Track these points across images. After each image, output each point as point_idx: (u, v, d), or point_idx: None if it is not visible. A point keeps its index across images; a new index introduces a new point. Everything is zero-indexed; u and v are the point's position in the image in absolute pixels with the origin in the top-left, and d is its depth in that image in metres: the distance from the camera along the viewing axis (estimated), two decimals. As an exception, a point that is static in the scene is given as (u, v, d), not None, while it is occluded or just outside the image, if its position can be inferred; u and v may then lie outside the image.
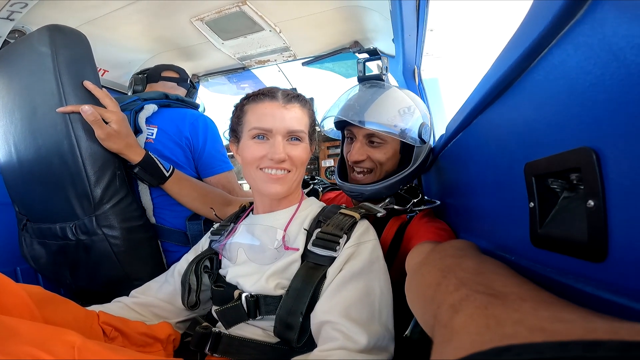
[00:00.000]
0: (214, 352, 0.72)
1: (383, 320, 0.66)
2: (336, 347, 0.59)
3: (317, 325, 0.65)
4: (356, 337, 0.60)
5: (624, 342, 0.19)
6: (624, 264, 0.30)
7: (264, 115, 0.77)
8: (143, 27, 1.63)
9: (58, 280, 1.20)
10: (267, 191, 0.78)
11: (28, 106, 0.99)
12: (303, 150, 0.80)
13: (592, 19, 0.31)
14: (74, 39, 0.98)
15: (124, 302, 0.83)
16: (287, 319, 0.67)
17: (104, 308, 0.78)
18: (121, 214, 0.99)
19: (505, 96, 0.51)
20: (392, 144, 0.99)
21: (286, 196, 0.82)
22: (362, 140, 0.99)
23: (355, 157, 0.99)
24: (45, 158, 0.98)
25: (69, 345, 0.44)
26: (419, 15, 1.20)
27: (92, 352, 0.45)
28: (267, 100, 0.78)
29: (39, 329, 0.45)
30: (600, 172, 0.31)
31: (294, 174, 0.80)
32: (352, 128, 1.01)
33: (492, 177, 0.59)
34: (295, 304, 0.67)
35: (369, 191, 0.98)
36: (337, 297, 0.66)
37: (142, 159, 1.00)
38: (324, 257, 0.71)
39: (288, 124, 0.77)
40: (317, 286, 0.68)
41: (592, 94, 0.32)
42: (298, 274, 0.70)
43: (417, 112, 0.99)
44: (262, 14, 1.57)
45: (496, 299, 0.30)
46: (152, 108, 1.13)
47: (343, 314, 0.62)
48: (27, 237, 1.16)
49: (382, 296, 0.68)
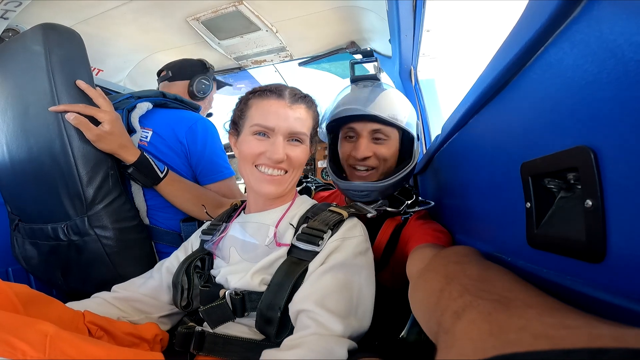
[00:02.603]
0: (199, 351, 0.71)
1: (359, 316, 0.65)
2: (308, 334, 0.58)
3: (294, 314, 0.64)
4: (330, 326, 0.59)
5: (630, 349, 0.19)
6: (622, 265, 0.29)
7: (269, 112, 0.75)
8: (138, 27, 1.63)
9: (50, 281, 1.19)
10: (261, 191, 0.77)
11: (20, 105, 0.98)
12: (302, 152, 0.80)
13: (588, 16, 0.31)
14: (67, 37, 0.97)
15: (103, 297, 0.81)
16: (266, 313, 0.66)
17: (82, 304, 0.76)
18: (114, 214, 0.98)
19: (502, 95, 0.51)
20: (394, 140, 0.98)
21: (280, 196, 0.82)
22: (367, 136, 0.97)
23: (365, 153, 0.95)
24: (37, 158, 0.96)
25: (42, 333, 0.45)
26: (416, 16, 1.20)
27: (65, 340, 0.45)
28: (273, 98, 0.77)
29: (15, 318, 0.46)
30: (598, 171, 0.31)
31: (290, 175, 0.79)
32: (355, 125, 0.98)
33: (488, 177, 0.59)
34: (275, 299, 0.66)
35: (379, 188, 0.96)
36: (315, 286, 0.65)
37: (136, 159, 0.99)
38: (307, 251, 0.70)
39: (291, 125, 0.76)
40: (298, 280, 0.67)
41: (589, 92, 0.31)
42: (280, 269, 0.70)
43: (412, 109, 1.00)
44: (259, 13, 1.56)
45: (500, 305, 0.29)
46: (145, 106, 1.10)
47: (319, 303, 0.61)
48: (19, 237, 1.14)
49: (361, 291, 0.67)
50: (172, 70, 1.48)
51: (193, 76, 1.48)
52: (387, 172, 0.99)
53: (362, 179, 0.98)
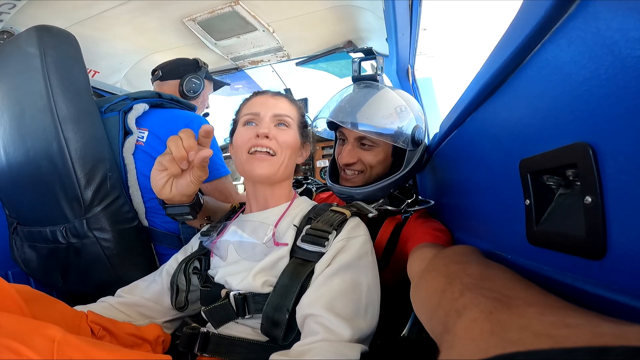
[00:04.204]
0: (204, 352, 0.71)
1: (368, 317, 0.65)
2: (317, 340, 0.58)
3: (302, 318, 0.64)
4: (339, 331, 0.59)
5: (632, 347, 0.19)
6: (623, 261, 0.29)
7: (254, 103, 0.85)
8: (134, 28, 1.62)
9: (49, 283, 1.18)
10: (252, 172, 0.78)
11: (16, 108, 0.97)
12: (289, 136, 0.82)
13: (585, 12, 0.31)
14: (62, 39, 0.97)
15: (109, 302, 0.81)
16: (273, 315, 0.66)
17: (89, 308, 0.77)
18: (113, 216, 0.98)
19: (499, 92, 0.51)
20: (383, 147, 0.98)
21: (275, 184, 0.83)
22: (353, 142, 0.98)
23: (346, 159, 0.98)
24: (34, 160, 0.96)
25: (49, 339, 0.43)
26: (412, 15, 1.20)
27: (73, 346, 0.44)
28: (258, 95, 0.88)
29: (21, 322, 0.45)
30: (597, 168, 0.31)
31: (279, 158, 0.80)
32: (344, 130, 1.00)
33: (486, 175, 0.59)
34: (282, 301, 0.66)
35: (360, 194, 0.97)
36: (322, 290, 0.65)
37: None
38: (313, 252, 0.70)
39: (275, 109, 0.83)
40: (305, 282, 0.67)
41: (587, 88, 0.31)
42: (286, 271, 0.69)
43: (411, 114, 0.97)
44: (255, 14, 1.56)
45: (501, 304, 0.29)
46: (142, 108, 1.08)
47: (327, 307, 0.61)
48: (17, 240, 1.14)
49: (369, 291, 0.68)
50: (163, 70, 1.47)
51: (184, 75, 1.47)
52: (374, 178, 0.98)
53: (347, 182, 1.00)
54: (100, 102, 1.07)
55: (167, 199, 0.80)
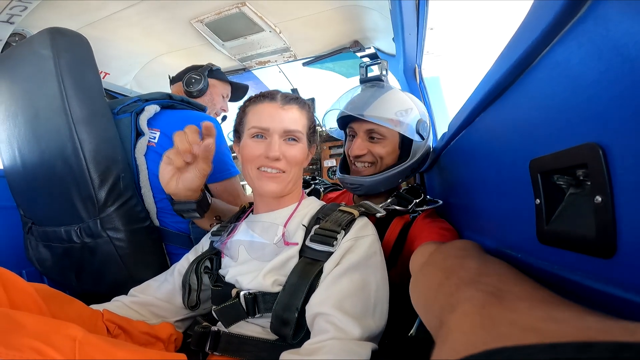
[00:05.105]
0: (214, 351, 0.73)
1: (377, 316, 0.66)
2: (328, 339, 0.59)
3: (311, 317, 0.65)
4: (348, 329, 0.59)
5: (617, 343, 0.19)
6: (633, 260, 0.30)
7: (262, 115, 0.80)
8: (143, 30, 1.64)
9: (63, 283, 1.21)
10: (262, 189, 0.79)
11: (31, 109, 0.99)
12: (299, 151, 0.81)
13: (595, 15, 0.31)
14: (75, 41, 0.99)
15: (123, 302, 0.83)
16: (282, 314, 0.67)
17: (104, 307, 0.79)
18: (126, 216, 0.99)
19: (508, 93, 0.51)
20: (391, 139, 1.02)
21: (284, 195, 0.83)
22: (363, 135, 1.03)
23: (356, 151, 1.02)
24: (49, 161, 0.98)
25: (71, 338, 0.45)
26: (419, 14, 1.20)
27: (93, 345, 0.46)
28: (266, 102, 0.82)
29: (43, 322, 0.46)
30: (607, 168, 0.31)
31: (288, 175, 0.81)
32: (354, 125, 1.04)
33: (496, 174, 0.59)
34: (291, 300, 0.67)
35: (369, 182, 1.02)
36: (331, 289, 0.65)
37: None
38: (322, 252, 0.71)
39: (285, 124, 0.79)
40: (314, 281, 0.68)
41: (597, 90, 0.32)
42: (295, 270, 0.70)
43: (415, 110, 1.02)
44: (262, 14, 1.57)
45: (494, 298, 0.30)
46: (153, 109, 1.10)
47: (337, 306, 0.62)
48: (32, 240, 1.16)
49: (377, 291, 0.68)
50: (174, 75, 1.51)
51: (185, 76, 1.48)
52: (386, 168, 1.03)
53: (358, 172, 1.05)
54: (113, 104, 1.09)
55: (173, 192, 0.83)
